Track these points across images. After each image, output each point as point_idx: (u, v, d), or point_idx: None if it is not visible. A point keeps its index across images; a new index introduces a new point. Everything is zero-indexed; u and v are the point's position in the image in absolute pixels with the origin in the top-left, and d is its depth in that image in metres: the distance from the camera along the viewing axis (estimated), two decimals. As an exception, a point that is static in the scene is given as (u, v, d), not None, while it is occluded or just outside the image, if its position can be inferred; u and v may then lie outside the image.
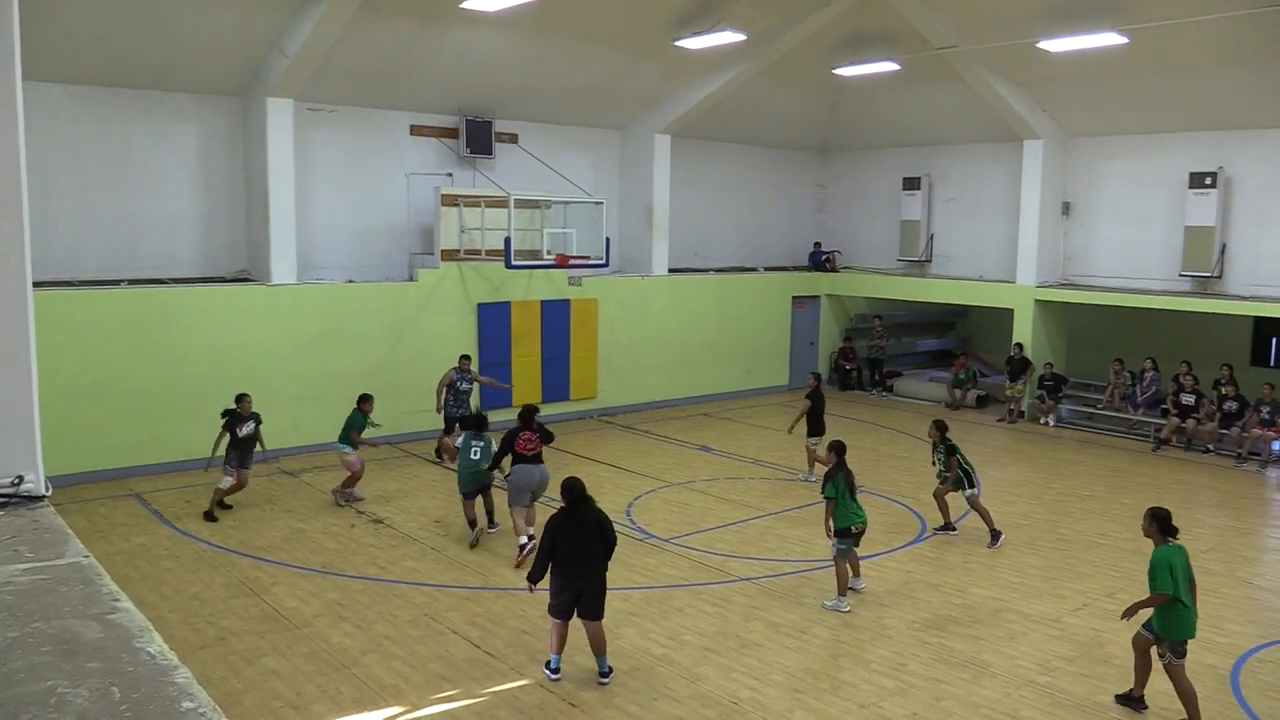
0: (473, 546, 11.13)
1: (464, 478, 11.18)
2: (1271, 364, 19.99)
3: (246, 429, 12.14)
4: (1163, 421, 17.23)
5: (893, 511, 12.97)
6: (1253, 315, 17.91)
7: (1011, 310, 19.69)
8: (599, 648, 8.00)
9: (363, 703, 7.57)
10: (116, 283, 14.14)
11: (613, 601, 9.50)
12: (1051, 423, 18.81)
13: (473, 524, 11.28)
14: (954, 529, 12.01)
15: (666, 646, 8.65)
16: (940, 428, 11.85)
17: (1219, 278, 17.33)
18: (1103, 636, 9.01)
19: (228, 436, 12.10)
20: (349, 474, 12.79)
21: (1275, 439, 15.97)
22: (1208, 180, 17.08)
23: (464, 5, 13.64)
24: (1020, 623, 9.30)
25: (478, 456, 11.10)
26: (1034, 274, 19.23)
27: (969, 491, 11.70)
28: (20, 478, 3.13)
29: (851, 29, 18.15)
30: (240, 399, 12.25)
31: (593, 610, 7.93)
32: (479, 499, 11.32)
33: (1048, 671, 8.27)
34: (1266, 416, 15.96)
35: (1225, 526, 12.74)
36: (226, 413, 12.17)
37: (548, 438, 10.97)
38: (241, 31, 13.83)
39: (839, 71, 18.60)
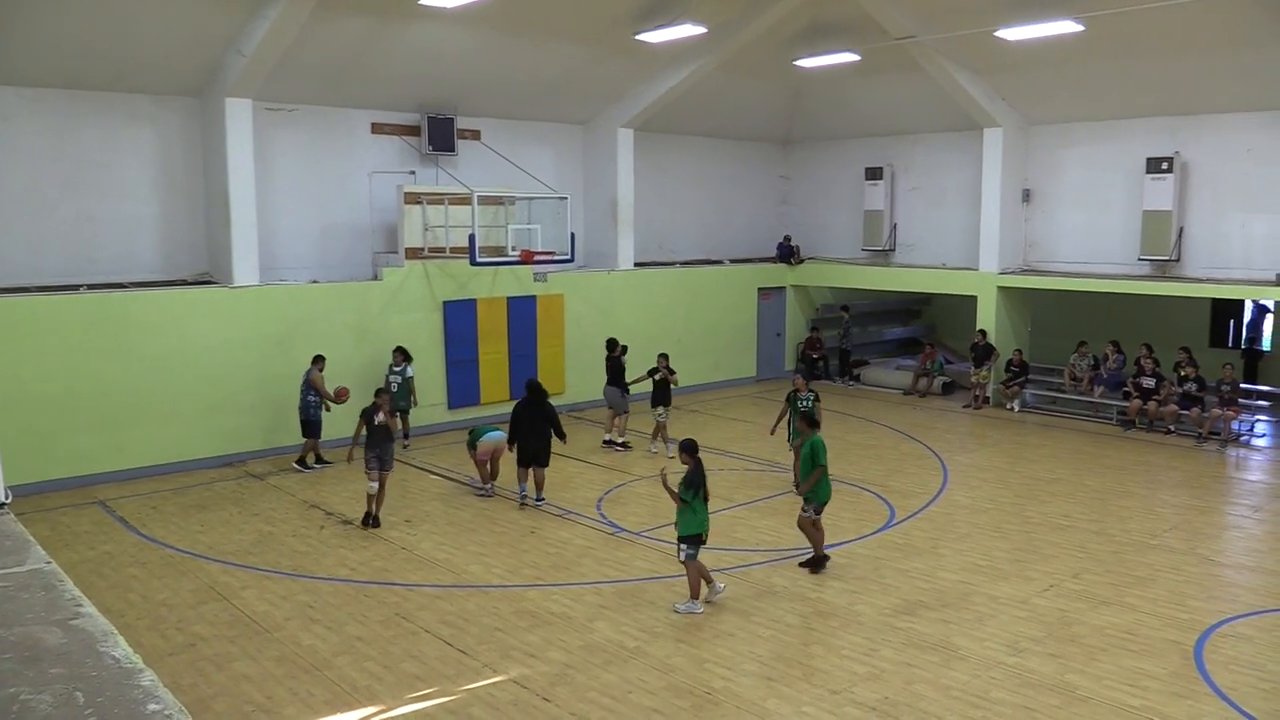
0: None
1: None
2: (1229, 345, 20.37)
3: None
4: (1125, 404, 17.48)
5: (862, 499, 13.07)
6: (1210, 297, 18.21)
7: (975, 297, 19.88)
8: (539, 484, 12.53)
9: (336, 704, 7.54)
10: (76, 287, 13.93)
11: (584, 595, 9.62)
12: (1016, 408, 19.02)
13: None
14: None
15: (639, 639, 8.67)
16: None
17: (1177, 261, 17.59)
18: (1070, 616, 9.14)
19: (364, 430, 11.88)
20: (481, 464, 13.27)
21: (1234, 419, 16.27)
22: (1164, 165, 17.31)
23: (423, 1, 13.56)
24: (988, 605, 9.41)
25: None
26: (996, 261, 19.42)
27: None
28: (-22, 486, 3.08)
29: (811, 20, 18.22)
30: (378, 392, 12.23)
31: (541, 461, 12.45)
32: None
33: (1016, 652, 8.38)
34: (1226, 396, 16.25)
35: (1186, 505, 12.96)
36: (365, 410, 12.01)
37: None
38: (198, 31, 13.65)
39: (799, 63, 18.68)
